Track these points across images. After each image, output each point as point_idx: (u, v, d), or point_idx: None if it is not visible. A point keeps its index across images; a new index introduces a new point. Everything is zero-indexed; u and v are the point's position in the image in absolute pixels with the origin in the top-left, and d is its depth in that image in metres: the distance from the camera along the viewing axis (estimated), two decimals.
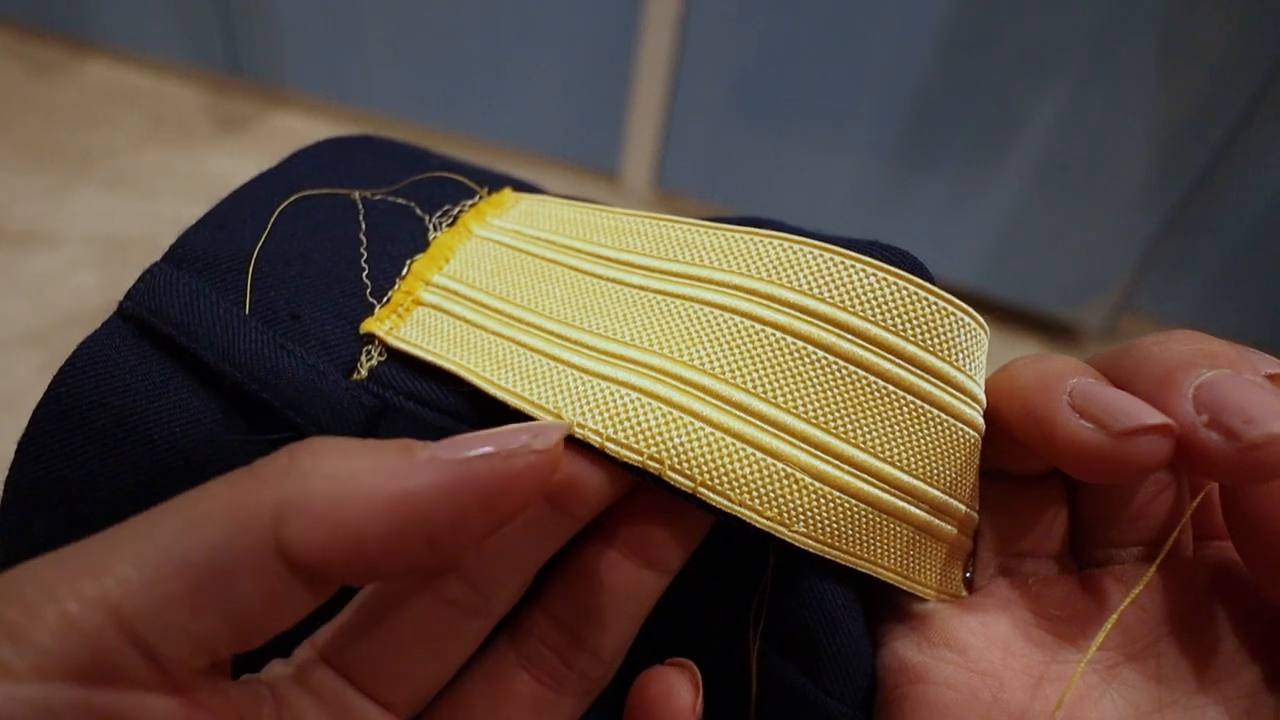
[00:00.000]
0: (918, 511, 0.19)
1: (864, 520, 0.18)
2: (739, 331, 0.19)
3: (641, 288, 0.20)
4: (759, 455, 0.18)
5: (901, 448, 0.18)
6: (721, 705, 0.20)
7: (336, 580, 0.14)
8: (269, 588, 0.13)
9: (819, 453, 0.18)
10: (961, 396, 0.19)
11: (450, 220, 0.23)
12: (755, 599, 0.20)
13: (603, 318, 0.20)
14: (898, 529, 0.19)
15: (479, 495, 0.14)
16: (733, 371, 0.18)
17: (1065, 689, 0.18)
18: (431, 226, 0.23)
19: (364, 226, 0.22)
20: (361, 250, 0.22)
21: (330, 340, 0.20)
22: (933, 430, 0.19)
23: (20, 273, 0.98)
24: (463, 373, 0.19)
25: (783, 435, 0.18)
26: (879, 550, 0.19)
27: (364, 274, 0.21)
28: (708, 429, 0.18)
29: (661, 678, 0.19)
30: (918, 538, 0.19)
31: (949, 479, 0.19)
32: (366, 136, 0.26)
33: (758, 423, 0.18)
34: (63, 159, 1.15)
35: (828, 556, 0.18)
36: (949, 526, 0.19)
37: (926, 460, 0.19)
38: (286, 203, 0.22)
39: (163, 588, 0.13)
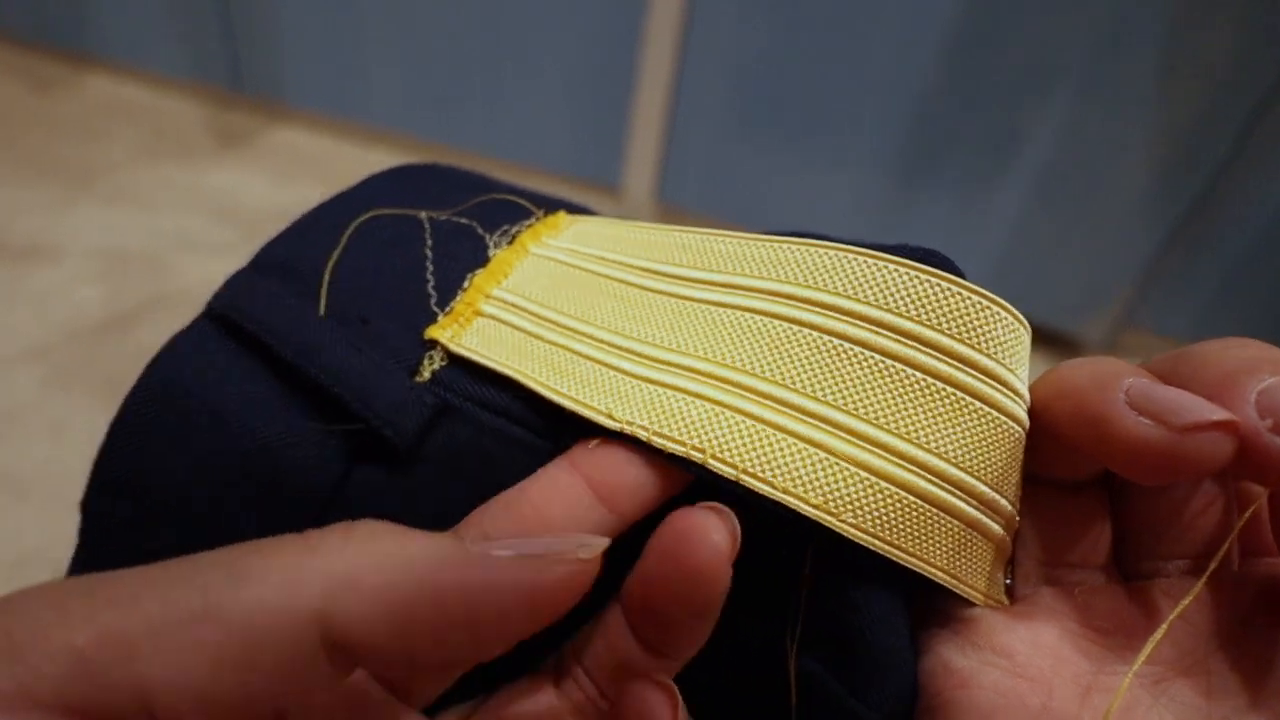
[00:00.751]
0: (966, 507, 0.18)
1: (913, 513, 0.18)
2: (778, 334, 0.19)
3: (687, 298, 0.21)
4: (803, 445, 0.18)
5: (948, 440, 0.18)
6: (759, 709, 0.20)
7: (370, 663, 0.14)
8: (295, 660, 0.13)
9: (864, 444, 0.18)
10: (1003, 390, 0.19)
11: (509, 239, 0.25)
12: (793, 602, 0.19)
13: (651, 327, 0.21)
14: (946, 524, 0.18)
15: (527, 596, 0.14)
16: (773, 370, 0.19)
17: (1113, 700, 0.17)
18: (492, 244, 0.24)
19: (430, 244, 0.24)
20: (427, 265, 0.23)
21: (396, 344, 0.21)
22: (976, 423, 0.18)
23: (22, 287, 0.97)
24: (519, 377, 0.21)
25: (827, 428, 0.18)
26: (928, 546, 0.18)
27: (429, 285, 0.23)
28: (750, 422, 0.18)
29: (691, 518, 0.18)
30: (966, 535, 0.19)
31: (995, 474, 0.19)
32: (434, 164, 0.28)
33: (801, 416, 0.18)
34: (65, 174, 1.15)
35: (876, 549, 0.18)
36: (996, 525, 0.19)
37: (972, 454, 0.18)
38: (360, 220, 0.24)
39: (185, 636, 0.12)
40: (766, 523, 0.18)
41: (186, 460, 0.20)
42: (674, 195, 1.17)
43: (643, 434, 0.18)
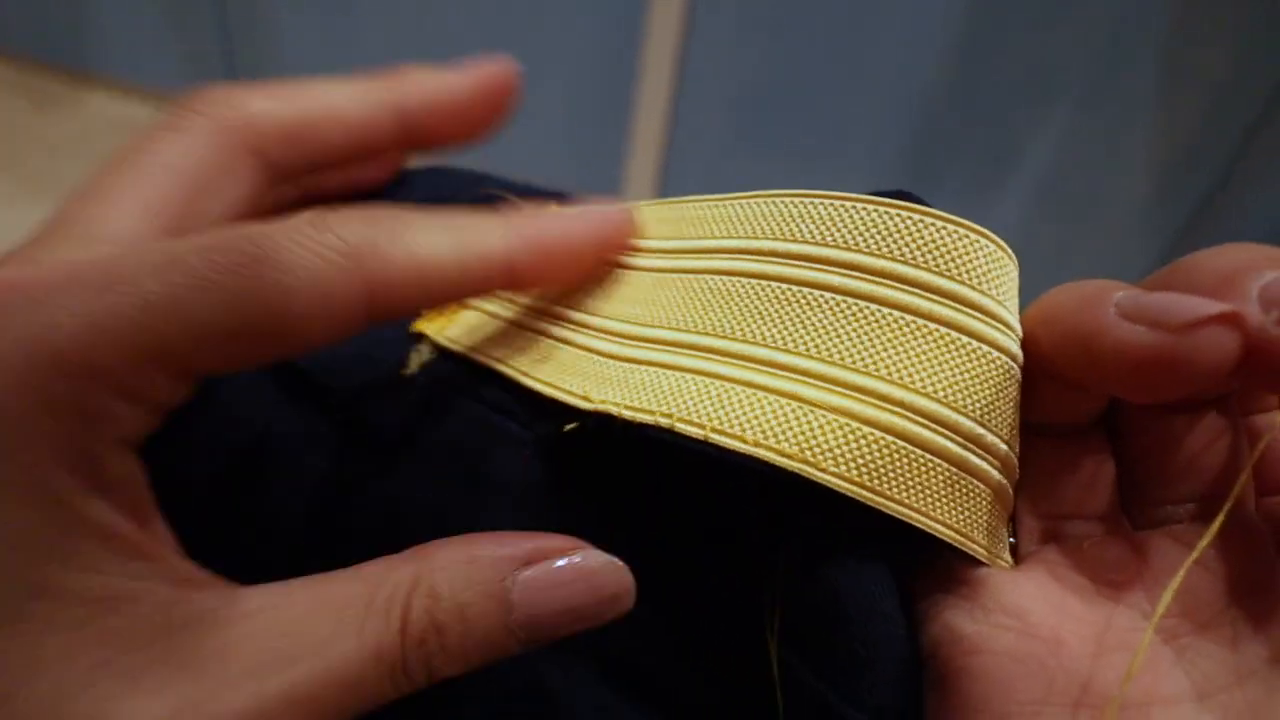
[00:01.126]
0: (954, 447, 0.17)
1: (900, 457, 0.16)
2: (744, 292, 0.19)
3: (662, 270, 0.21)
4: (773, 398, 0.17)
5: (930, 376, 0.17)
6: (744, 710, 0.19)
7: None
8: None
9: (840, 388, 0.17)
10: (988, 320, 0.17)
11: None
12: (770, 590, 0.18)
13: (626, 305, 0.21)
14: (936, 467, 0.17)
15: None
16: (740, 329, 0.18)
17: (1133, 659, 0.16)
18: None
19: None
20: None
21: (385, 337, 0.22)
22: (959, 357, 0.17)
23: None
24: (501, 367, 0.21)
25: (798, 377, 0.17)
26: (918, 493, 0.17)
27: None
28: (717, 383, 0.18)
29: None
30: (959, 479, 0.17)
31: (983, 408, 0.17)
32: (434, 166, 0.29)
33: (770, 370, 0.17)
34: (65, 191, 1.15)
35: (862, 499, 0.16)
36: (992, 469, 0.18)
37: (957, 389, 0.17)
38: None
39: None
40: (742, 507, 0.18)
41: (182, 446, 0.20)
42: None
43: (614, 409, 0.18)
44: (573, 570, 0.17)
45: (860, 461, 0.16)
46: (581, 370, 0.20)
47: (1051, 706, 0.16)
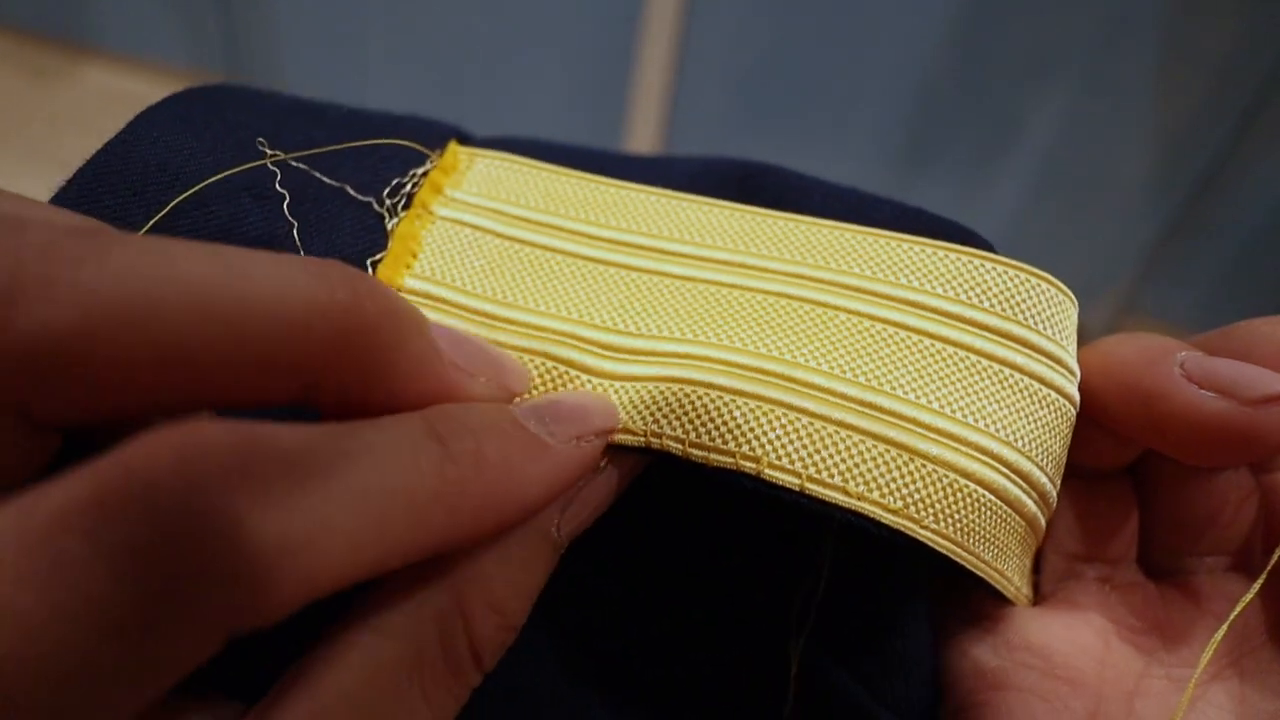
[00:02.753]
0: (1029, 501, 0.16)
1: (988, 512, 0.16)
2: (810, 317, 0.17)
3: (685, 279, 0.18)
4: (869, 441, 0.15)
5: (1008, 422, 0.16)
6: (758, 705, 0.19)
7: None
8: None
9: (932, 434, 0.15)
10: (1058, 368, 0.17)
11: (405, 201, 0.19)
12: (801, 595, 0.18)
13: (646, 315, 0.17)
14: (1013, 522, 0.16)
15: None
16: (818, 358, 0.16)
17: (1178, 708, 0.16)
18: (385, 212, 0.18)
19: (295, 224, 0.17)
20: (297, 249, 0.17)
21: None
22: (1037, 407, 0.16)
23: None
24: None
25: (886, 418, 0.15)
26: (992, 548, 0.16)
27: None
28: (804, 419, 0.15)
29: None
30: (1026, 532, 0.17)
31: (1054, 462, 0.17)
32: (232, 86, 0.20)
33: (854, 406, 0.16)
34: (64, 165, 1.15)
35: (957, 558, 0.15)
36: (1043, 515, 0.17)
37: (1036, 440, 0.16)
38: (177, 201, 0.17)
39: None
40: (780, 518, 0.17)
41: None
42: None
43: (676, 448, 0.15)
44: (598, 486, 0.16)
45: (958, 517, 0.15)
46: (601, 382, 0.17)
47: None
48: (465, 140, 0.21)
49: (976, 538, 0.16)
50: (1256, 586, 0.16)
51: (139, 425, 0.11)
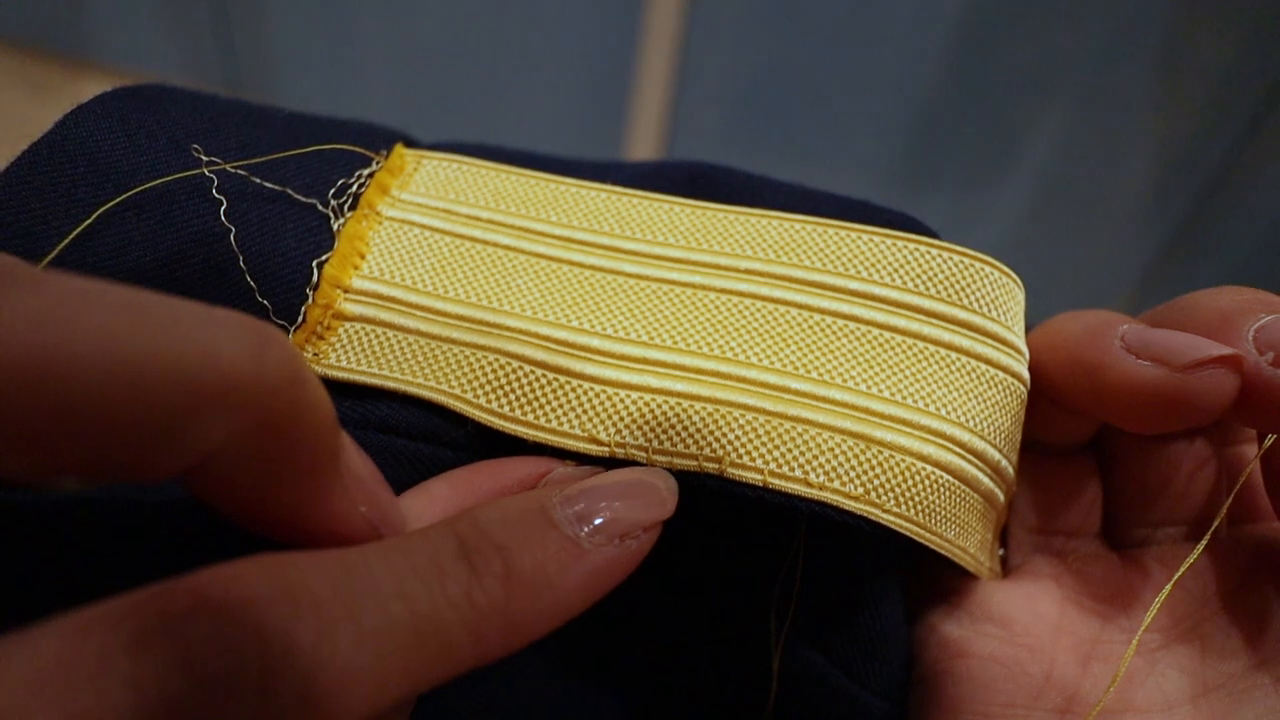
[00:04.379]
0: (984, 478, 0.17)
1: (948, 492, 0.16)
2: (762, 315, 0.17)
3: (638, 277, 0.18)
4: (826, 434, 0.16)
5: (959, 404, 0.17)
6: (740, 695, 0.19)
7: None
8: None
9: (887, 422, 0.16)
10: (1005, 349, 0.18)
11: (351, 202, 0.18)
12: (779, 584, 0.18)
13: (601, 314, 0.17)
14: (970, 499, 0.17)
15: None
16: (770, 357, 0.17)
17: (1118, 668, 0.17)
18: (330, 213, 0.18)
19: (232, 228, 0.16)
20: (235, 253, 0.16)
21: None
22: (987, 388, 0.17)
23: None
24: (435, 395, 0.16)
25: (843, 410, 0.16)
26: (954, 526, 0.17)
27: (255, 293, 0.16)
28: (761, 417, 0.16)
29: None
30: (983, 508, 0.17)
31: (1006, 439, 0.17)
32: (166, 86, 0.19)
33: (810, 401, 0.16)
34: None
35: (919, 538, 0.16)
36: (1000, 491, 0.18)
37: (987, 420, 0.17)
38: (111, 204, 0.16)
39: None
40: (752, 511, 0.17)
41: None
42: None
43: (640, 456, 0.15)
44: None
45: (918, 500, 0.16)
46: (561, 399, 0.16)
47: (1031, 712, 0.17)
48: (412, 144, 0.21)
49: (938, 518, 0.16)
50: (1196, 553, 0.17)
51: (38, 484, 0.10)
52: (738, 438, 0.16)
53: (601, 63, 1.10)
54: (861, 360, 0.17)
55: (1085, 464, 0.20)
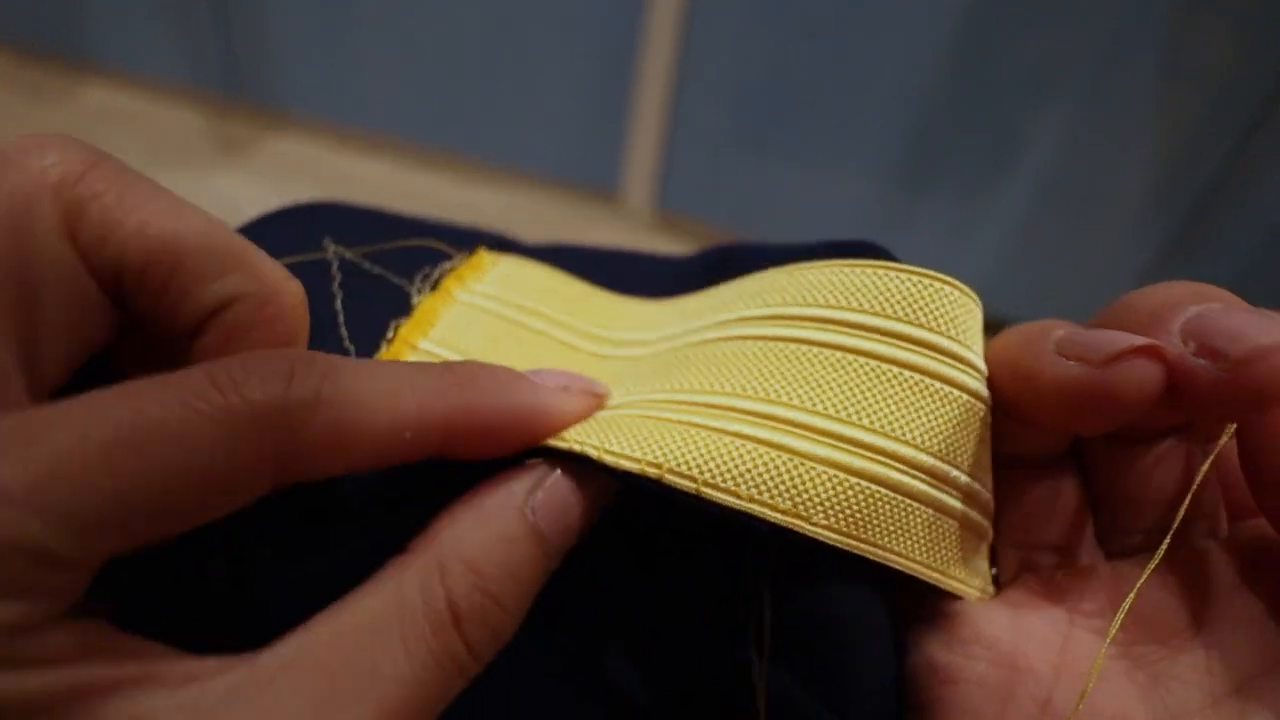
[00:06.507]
0: (937, 493, 0.18)
1: (886, 506, 0.17)
2: (723, 352, 0.19)
3: (633, 359, 0.21)
4: (764, 449, 0.17)
5: (913, 426, 0.17)
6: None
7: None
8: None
9: (823, 438, 0.17)
10: (961, 366, 0.18)
11: (431, 285, 0.23)
12: (756, 612, 0.19)
13: (594, 375, 0.21)
14: (919, 513, 0.17)
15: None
16: (723, 384, 0.18)
17: (1088, 680, 0.16)
18: (414, 291, 0.23)
19: (339, 294, 0.21)
20: (338, 314, 0.21)
21: None
22: (940, 405, 0.18)
23: None
24: None
25: (783, 427, 0.17)
26: (903, 539, 0.17)
27: (344, 340, 0.20)
28: (704, 432, 0.17)
29: None
30: (938, 522, 0.18)
31: (967, 456, 0.18)
32: (334, 203, 0.25)
33: (758, 420, 0.17)
34: None
35: (851, 549, 0.17)
36: (972, 511, 0.18)
37: (924, 429, 0.18)
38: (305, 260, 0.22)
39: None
40: (723, 532, 0.17)
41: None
42: (672, 201, 1.17)
43: (592, 452, 0.17)
44: (562, 485, 0.17)
45: (848, 512, 0.17)
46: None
47: None
48: (507, 247, 0.26)
49: (879, 531, 0.17)
50: (1156, 559, 0.17)
51: None
52: (678, 448, 0.17)
53: (601, 73, 1.10)
54: (808, 380, 0.18)
55: (1065, 475, 0.19)
